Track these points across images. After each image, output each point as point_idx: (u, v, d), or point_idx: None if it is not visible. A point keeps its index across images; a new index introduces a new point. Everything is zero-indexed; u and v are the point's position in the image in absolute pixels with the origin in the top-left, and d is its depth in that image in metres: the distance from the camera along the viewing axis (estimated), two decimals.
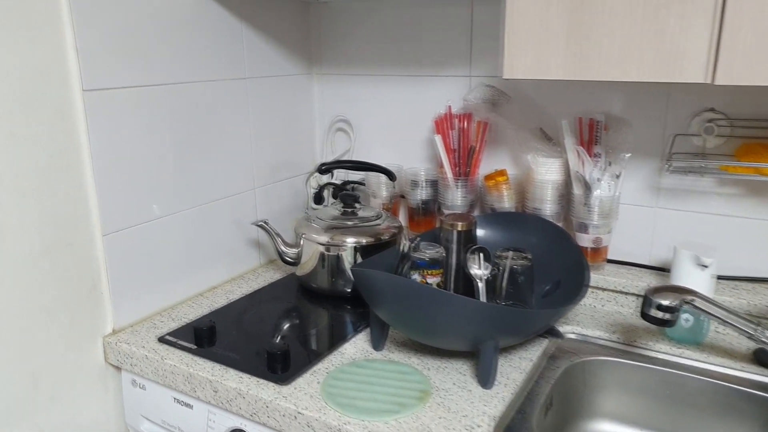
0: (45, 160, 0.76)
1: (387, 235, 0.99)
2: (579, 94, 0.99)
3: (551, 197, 0.98)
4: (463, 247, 0.88)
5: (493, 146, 1.08)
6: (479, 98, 1.01)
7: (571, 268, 0.88)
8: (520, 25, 0.76)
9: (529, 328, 0.75)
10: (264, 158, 1.11)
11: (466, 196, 1.05)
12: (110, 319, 0.86)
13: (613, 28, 0.71)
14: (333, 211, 1.04)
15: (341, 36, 1.18)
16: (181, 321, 0.91)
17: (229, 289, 1.04)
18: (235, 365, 0.78)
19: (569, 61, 0.75)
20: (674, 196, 0.96)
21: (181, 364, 0.79)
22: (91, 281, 0.83)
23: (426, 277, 0.84)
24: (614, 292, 0.96)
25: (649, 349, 0.87)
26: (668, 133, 0.95)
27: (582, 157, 0.95)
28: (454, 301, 0.69)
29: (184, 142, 0.94)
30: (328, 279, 0.99)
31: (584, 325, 0.92)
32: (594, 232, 0.96)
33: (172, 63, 0.90)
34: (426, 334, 0.75)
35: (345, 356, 0.81)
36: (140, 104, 0.86)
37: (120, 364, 0.85)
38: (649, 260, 1.00)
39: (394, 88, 1.15)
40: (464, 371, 0.78)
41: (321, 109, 1.24)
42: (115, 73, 0.81)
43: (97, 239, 0.83)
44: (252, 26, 1.05)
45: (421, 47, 1.11)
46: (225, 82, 1.00)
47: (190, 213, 0.97)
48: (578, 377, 0.86)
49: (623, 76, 0.72)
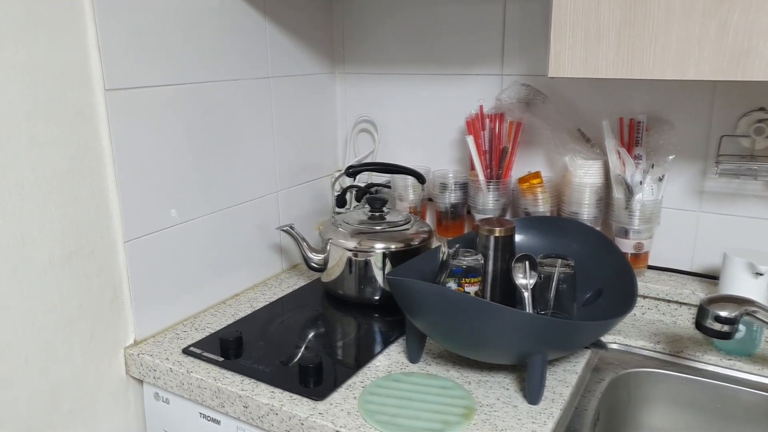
0: (66, 164, 0.72)
1: (417, 240, 0.95)
2: (619, 93, 0.95)
3: (590, 201, 0.94)
4: (501, 254, 0.84)
5: (526, 147, 1.04)
6: (513, 97, 0.97)
7: (613, 275, 0.84)
8: (568, 21, 0.72)
9: (580, 341, 0.71)
10: (287, 160, 1.07)
11: (498, 199, 1.01)
12: (132, 330, 0.82)
13: (670, 24, 0.67)
14: (360, 215, 1.00)
15: (365, 33, 1.14)
16: (205, 331, 0.87)
17: (253, 296, 1.00)
18: (265, 379, 0.74)
19: (621, 59, 0.70)
20: (718, 199, 0.92)
21: (209, 377, 0.75)
22: (113, 290, 0.79)
23: (463, 285, 0.80)
24: (656, 300, 0.92)
25: (698, 360, 0.83)
26: (713, 134, 0.90)
27: (624, 159, 0.90)
28: (503, 314, 0.65)
29: (206, 144, 0.90)
30: (355, 286, 0.95)
31: (626, 334, 0.88)
32: (635, 237, 0.92)
33: (196, 61, 0.86)
34: (471, 348, 0.71)
35: (380, 369, 0.77)
36: (162, 104, 0.82)
37: (142, 377, 0.81)
38: (690, 266, 0.96)
39: (421, 87, 1.11)
40: (508, 385, 0.74)
41: (344, 110, 1.20)
42: (138, 72, 0.77)
43: (118, 246, 0.79)
44: (275, 23, 1.00)
45: (449, 44, 1.07)
46: (248, 82, 0.96)
47: (212, 218, 0.93)
48: (623, 390, 0.82)
49: (680, 74, 0.68)
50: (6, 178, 0.66)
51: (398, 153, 1.17)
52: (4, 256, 0.67)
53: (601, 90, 0.96)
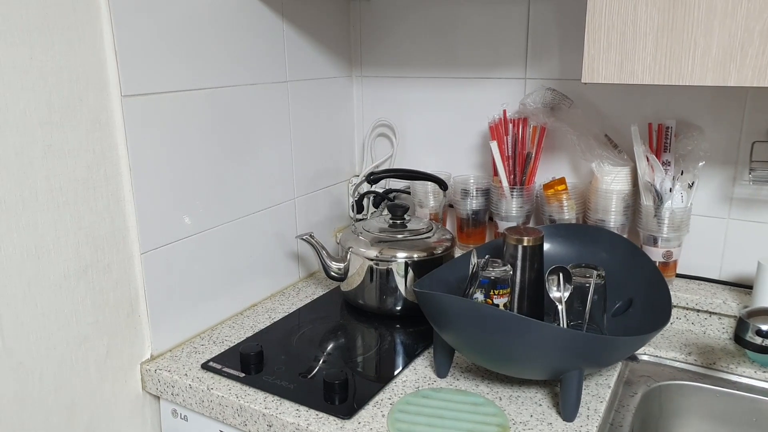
0: (82, 173, 0.69)
1: (440, 248, 0.93)
2: (647, 97, 0.93)
3: (617, 208, 0.91)
4: (530, 264, 0.82)
5: (550, 153, 1.01)
6: (538, 102, 0.95)
7: (643, 285, 0.81)
8: (603, 24, 0.69)
9: (617, 356, 0.69)
10: (304, 166, 1.05)
11: (522, 206, 0.98)
12: (148, 345, 0.79)
13: (711, 27, 0.64)
14: (380, 222, 0.97)
15: (383, 35, 1.11)
16: (223, 344, 0.84)
17: (271, 306, 0.97)
18: (289, 396, 0.71)
19: (658, 64, 0.68)
20: (748, 206, 0.90)
21: (230, 395, 0.72)
22: (129, 304, 0.76)
23: (492, 297, 0.78)
24: (685, 309, 0.90)
25: (731, 372, 0.81)
26: (744, 139, 0.88)
27: (653, 165, 0.88)
28: (540, 329, 0.63)
29: (223, 151, 0.87)
30: (376, 296, 0.92)
31: (657, 345, 0.86)
32: (664, 245, 0.90)
33: (213, 66, 0.83)
34: (504, 363, 0.68)
35: (407, 384, 0.75)
36: (179, 110, 0.79)
37: (160, 393, 0.78)
38: (719, 275, 0.93)
39: (440, 91, 1.09)
40: (540, 401, 0.71)
41: (361, 114, 1.17)
42: (154, 77, 0.75)
43: (135, 258, 0.76)
44: (293, 25, 0.98)
45: (470, 47, 1.04)
46: (265, 86, 0.93)
47: (228, 226, 0.90)
48: (655, 403, 0.80)
49: (721, 80, 0.65)
50: (20, 190, 0.63)
51: (417, 158, 1.14)
52: (17, 270, 0.64)
53: (629, 94, 0.94)
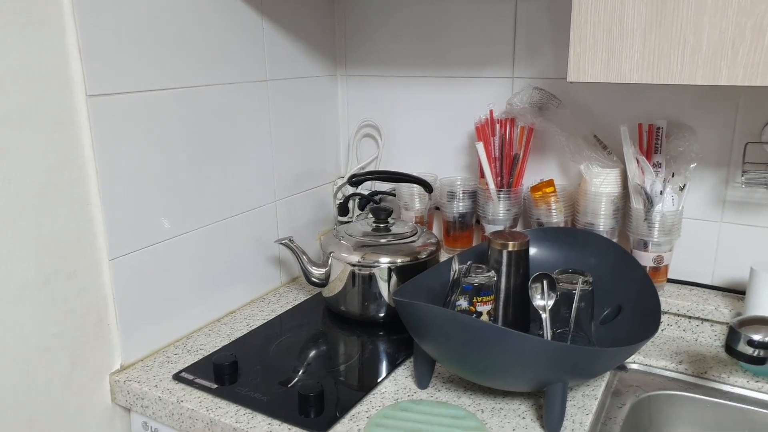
0: (42, 177, 0.66)
1: (424, 253, 0.90)
2: (637, 97, 0.90)
3: (606, 211, 0.89)
4: (515, 270, 0.79)
5: (539, 154, 0.98)
6: (525, 102, 0.92)
7: (633, 291, 0.79)
8: (589, 21, 0.66)
9: (603, 367, 0.66)
10: (286, 168, 1.02)
11: (509, 209, 0.95)
12: (118, 354, 0.76)
13: (701, 24, 0.62)
14: (363, 226, 0.94)
15: (368, 34, 1.08)
16: (198, 353, 0.81)
17: (250, 313, 0.94)
18: (262, 409, 0.69)
19: (646, 62, 0.65)
20: (741, 209, 0.87)
21: (201, 408, 0.69)
22: (97, 313, 0.73)
23: (475, 304, 0.75)
24: (677, 316, 0.87)
25: (723, 382, 0.78)
26: (737, 140, 0.85)
27: (643, 167, 0.85)
28: (522, 341, 0.60)
29: (199, 153, 0.84)
30: (359, 303, 0.89)
31: (647, 353, 0.83)
32: (654, 249, 0.87)
33: (187, 64, 0.80)
34: (486, 375, 0.65)
35: (386, 396, 0.72)
36: (151, 111, 0.76)
37: (130, 406, 0.75)
38: (711, 280, 0.91)
39: (427, 91, 1.06)
40: (524, 414, 0.68)
41: (346, 114, 1.14)
42: (122, 76, 0.71)
43: (103, 265, 0.73)
44: (273, 22, 0.94)
45: (456, 45, 1.01)
46: (244, 85, 0.90)
47: (205, 230, 0.87)
48: (644, 414, 0.77)
49: (712, 79, 0.63)
50: None
51: (403, 159, 1.11)
52: None
53: (619, 94, 0.91)
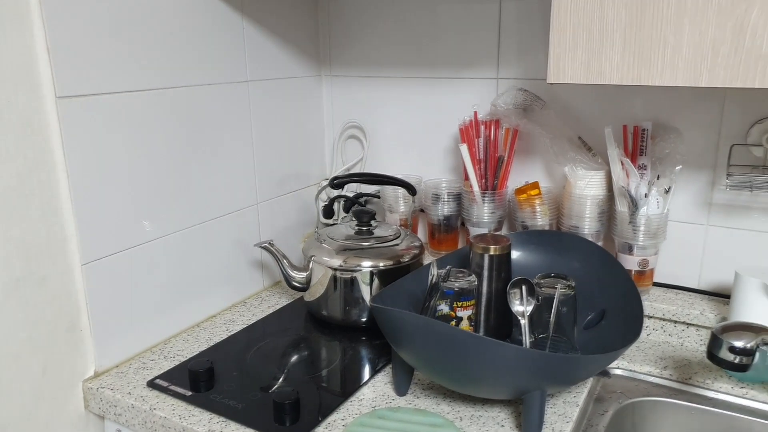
0: (11, 181, 0.64)
1: (407, 256, 0.88)
2: (622, 98, 0.89)
3: (591, 214, 0.87)
4: (497, 274, 0.78)
5: (524, 156, 0.97)
6: (510, 103, 0.90)
7: (617, 296, 0.78)
8: (569, 22, 0.65)
9: (582, 375, 0.65)
10: (268, 170, 1.00)
11: (494, 211, 0.94)
12: (92, 361, 0.75)
13: (682, 24, 0.60)
14: (346, 229, 0.93)
15: (353, 34, 1.07)
16: (174, 359, 0.80)
17: (230, 318, 0.93)
18: (237, 417, 0.67)
19: (626, 64, 0.64)
20: (728, 212, 0.86)
21: (173, 416, 0.68)
22: (69, 318, 0.72)
23: (455, 309, 0.74)
24: (662, 321, 0.86)
25: (708, 388, 0.77)
26: (723, 142, 0.84)
27: (627, 169, 0.84)
28: (498, 349, 0.59)
29: (177, 155, 0.83)
30: (341, 307, 0.88)
31: (631, 359, 0.82)
32: (640, 253, 0.86)
33: (164, 65, 0.79)
34: (463, 383, 0.64)
35: (364, 403, 0.70)
36: (126, 112, 0.74)
37: (103, 413, 0.74)
38: (698, 284, 0.89)
39: (412, 91, 1.04)
40: (503, 421, 0.67)
41: (331, 115, 1.13)
42: (95, 77, 0.70)
43: (75, 269, 0.72)
44: (254, 22, 0.93)
45: (441, 46, 1.00)
46: (223, 86, 0.89)
47: (184, 234, 0.86)
48: (627, 421, 0.76)
49: (692, 81, 0.61)
50: None
51: (389, 161, 1.10)
52: None
53: (604, 95, 0.90)
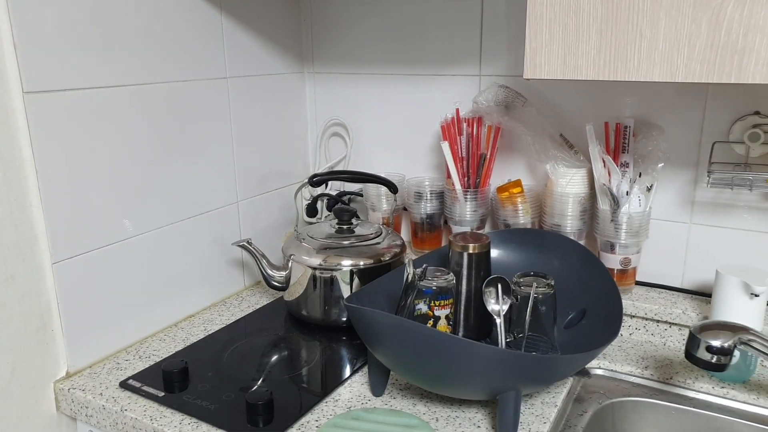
0: None
1: (388, 255, 0.87)
2: (604, 95, 0.88)
3: (573, 212, 0.87)
4: (476, 272, 0.77)
5: (507, 154, 0.96)
6: (491, 100, 0.90)
7: (598, 295, 0.77)
8: (545, 16, 0.64)
9: (558, 375, 0.64)
10: (249, 167, 0.99)
11: (476, 210, 0.93)
12: (64, 361, 0.74)
13: (657, 18, 0.60)
14: (326, 227, 0.92)
15: (336, 30, 1.06)
16: (150, 360, 0.79)
17: (208, 318, 0.92)
18: (208, 418, 0.66)
19: (603, 59, 0.63)
20: (711, 210, 0.85)
21: (144, 417, 0.67)
22: (40, 318, 0.71)
23: (433, 309, 0.73)
24: (644, 320, 0.85)
25: (689, 388, 0.76)
26: (705, 139, 0.83)
27: (609, 167, 0.83)
28: (471, 349, 0.58)
29: (154, 152, 0.82)
30: (320, 307, 0.87)
31: (612, 358, 0.81)
32: (622, 252, 0.85)
33: (138, 61, 0.77)
34: (437, 384, 0.63)
35: (339, 404, 0.69)
36: (99, 108, 0.73)
37: (74, 414, 0.73)
38: (681, 283, 0.89)
39: (395, 88, 1.03)
40: (479, 422, 0.66)
41: (314, 112, 1.12)
42: (65, 71, 0.69)
43: (46, 269, 0.70)
44: (233, 18, 0.92)
45: (425, 43, 0.99)
46: (202, 83, 0.88)
47: (161, 232, 0.84)
48: (607, 422, 0.75)
49: (669, 76, 0.61)
50: None
51: (372, 158, 1.09)
52: None
53: (585, 91, 0.89)
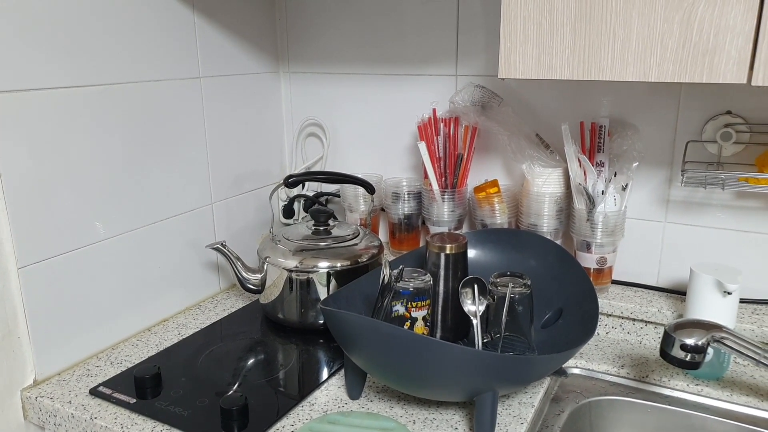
0: None
1: (366, 256, 0.87)
2: (579, 95, 0.88)
3: (549, 212, 0.87)
4: (453, 273, 0.76)
5: (484, 154, 0.96)
6: (467, 100, 0.89)
7: (575, 295, 0.77)
8: (519, 15, 0.64)
9: (534, 375, 0.64)
10: (224, 168, 0.97)
11: (453, 210, 0.93)
12: (31, 369, 0.72)
13: (630, 17, 0.60)
14: (303, 229, 0.91)
15: (312, 29, 1.05)
16: (121, 365, 0.77)
17: (183, 321, 0.90)
18: (182, 425, 0.65)
19: (577, 58, 0.63)
20: (685, 209, 0.86)
21: (115, 425, 0.65)
22: (6, 325, 0.68)
23: (410, 310, 0.72)
24: (620, 318, 0.86)
25: (664, 385, 0.77)
26: (679, 139, 0.84)
27: (584, 166, 0.84)
28: (446, 351, 0.57)
29: (126, 153, 0.80)
30: (297, 310, 0.86)
31: (589, 357, 0.81)
32: (598, 251, 0.86)
33: (106, 61, 0.75)
34: (413, 386, 0.63)
35: (315, 407, 0.69)
36: (65, 109, 0.71)
37: (42, 424, 0.71)
38: (657, 281, 0.90)
39: (372, 88, 1.03)
40: (456, 424, 0.66)
41: (290, 112, 1.11)
42: (28, 71, 0.67)
43: (11, 274, 0.68)
44: (206, 17, 0.90)
45: (401, 42, 0.98)
46: (174, 83, 0.86)
47: (132, 235, 0.82)
48: (584, 421, 0.75)
49: (641, 75, 0.61)
50: None
51: (349, 159, 1.08)
52: None
53: (561, 91, 0.89)
